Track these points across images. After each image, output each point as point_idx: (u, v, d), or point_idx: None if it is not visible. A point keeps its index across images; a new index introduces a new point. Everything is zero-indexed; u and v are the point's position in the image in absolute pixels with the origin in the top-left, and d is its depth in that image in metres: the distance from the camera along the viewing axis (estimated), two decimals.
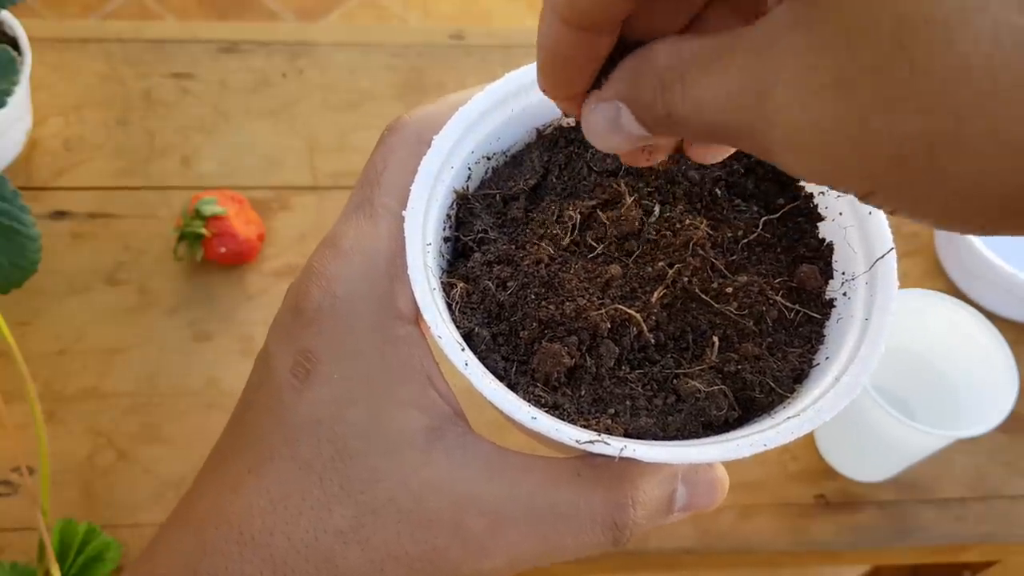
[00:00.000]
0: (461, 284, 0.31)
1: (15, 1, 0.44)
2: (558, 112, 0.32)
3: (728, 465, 0.64)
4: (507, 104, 0.32)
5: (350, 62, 0.72)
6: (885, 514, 0.57)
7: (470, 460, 0.27)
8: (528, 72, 0.32)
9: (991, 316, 0.61)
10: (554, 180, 0.33)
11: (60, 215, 0.63)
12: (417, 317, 0.29)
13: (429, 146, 0.30)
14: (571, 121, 0.34)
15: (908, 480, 0.58)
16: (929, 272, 0.66)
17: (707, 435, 0.29)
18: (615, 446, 0.26)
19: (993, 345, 0.53)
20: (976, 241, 0.60)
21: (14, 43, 0.62)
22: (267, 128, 0.69)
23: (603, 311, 0.29)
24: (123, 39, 0.72)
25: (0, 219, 0.41)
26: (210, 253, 0.60)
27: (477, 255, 0.32)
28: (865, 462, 0.57)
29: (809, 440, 0.59)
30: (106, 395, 0.58)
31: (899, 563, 0.82)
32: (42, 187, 0.64)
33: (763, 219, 0.32)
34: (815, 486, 0.58)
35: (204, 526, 0.27)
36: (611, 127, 0.24)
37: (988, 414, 0.51)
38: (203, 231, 0.59)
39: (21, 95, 0.63)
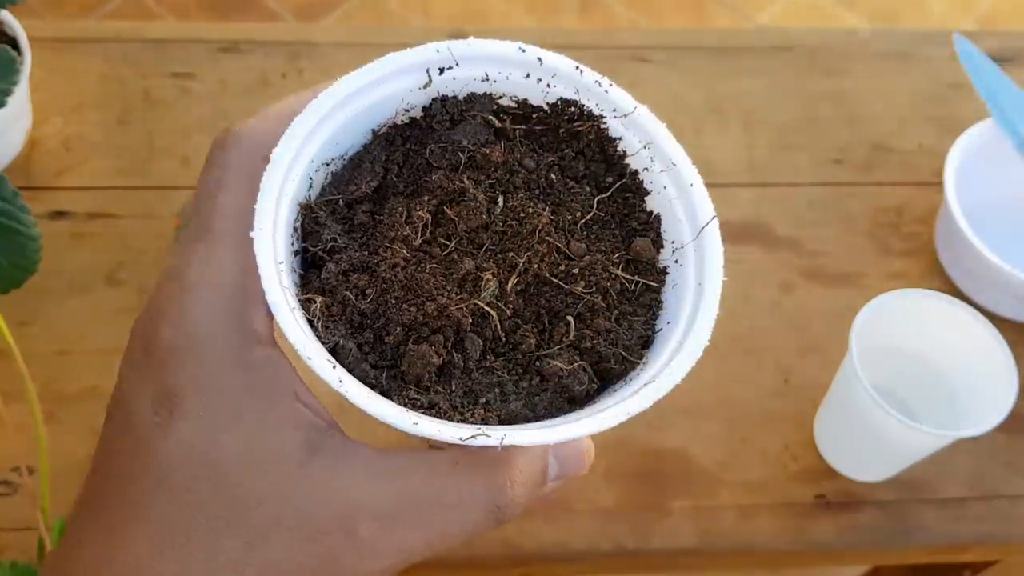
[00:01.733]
0: (320, 299, 0.31)
1: (15, 1, 0.44)
2: (393, 112, 0.34)
3: (728, 465, 0.64)
4: (342, 108, 0.33)
5: (350, 62, 0.71)
6: (885, 514, 0.57)
7: (350, 467, 0.28)
8: (362, 75, 0.33)
9: (991, 316, 0.61)
10: (395, 179, 0.34)
11: (60, 215, 0.63)
12: (274, 336, 0.29)
13: (264, 160, 0.30)
14: (405, 119, 0.34)
15: (908, 480, 0.58)
16: (929, 272, 0.66)
17: (572, 409, 0.31)
18: (496, 437, 0.27)
19: (993, 345, 0.53)
20: (976, 241, 0.60)
21: (14, 43, 0.62)
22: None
23: (463, 307, 0.30)
24: (123, 39, 0.72)
25: (0, 219, 0.41)
26: None
27: (331, 265, 0.32)
28: (865, 462, 0.57)
29: (809, 440, 0.59)
30: (106, 395, 0.57)
31: (899, 563, 0.82)
32: (42, 187, 0.64)
33: (596, 198, 0.34)
34: (815, 486, 0.58)
35: None
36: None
37: (988, 414, 0.51)
38: None
39: (21, 95, 0.63)
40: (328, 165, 0.33)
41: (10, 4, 0.44)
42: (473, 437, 0.27)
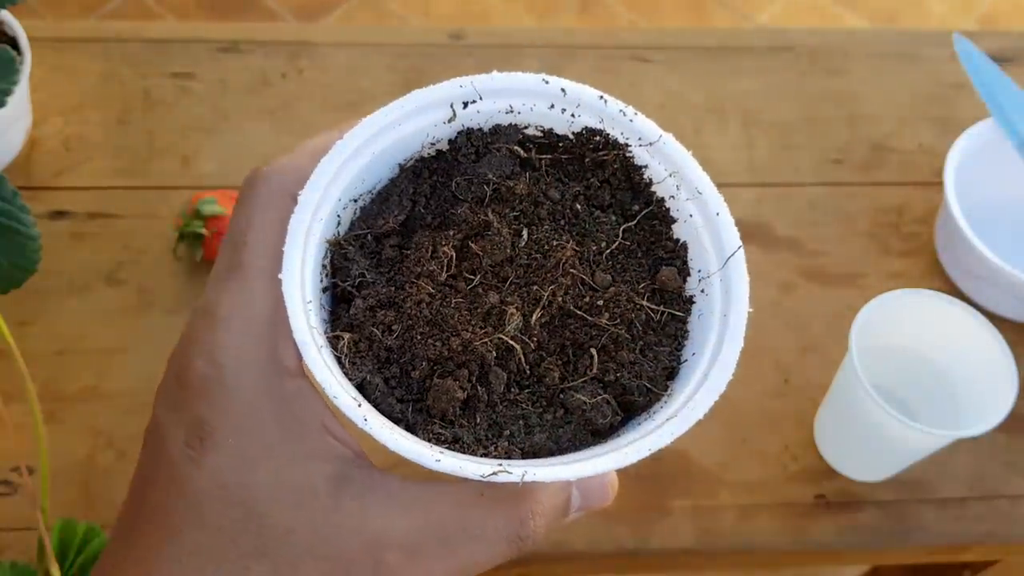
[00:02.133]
0: (347, 336, 0.31)
1: (15, 1, 0.44)
2: (419, 147, 0.34)
3: (728, 465, 0.64)
4: (368, 147, 0.33)
5: (350, 62, 0.72)
6: (885, 514, 0.57)
7: (379, 498, 0.28)
8: (385, 113, 0.33)
9: (991, 316, 0.61)
10: (422, 211, 0.34)
11: (60, 215, 0.63)
12: (303, 371, 0.29)
13: (293, 199, 0.31)
14: (431, 152, 0.35)
15: (908, 480, 0.58)
16: (929, 272, 0.66)
17: (596, 442, 0.32)
18: (516, 473, 0.28)
19: (993, 345, 0.53)
20: (976, 241, 0.60)
21: (13, 43, 0.62)
22: (267, 128, 0.69)
23: (487, 341, 0.31)
24: (123, 39, 0.72)
25: (0, 219, 0.41)
26: (210, 253, 0.60)
27: (358, 301, 0.32)
28: (865, 462, 0.57)
29: (809, 440, 0.59)
30: (106, 395, 0.58)
31: (899, 563, 0.82)
32: (42, 187, 0.64)
33: (622, 227, 0.34)
34: (815, 486, 0.58)
35: None
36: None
37: (988, 414, 0.51)
38: (203, 231, 0.59)
39: (21, 95, 0.63)
40: (356, 201, 0.34)
41: (10, 4, 0.44)
42: (495, 474, 0.28)
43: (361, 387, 0.31)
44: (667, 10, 1.73)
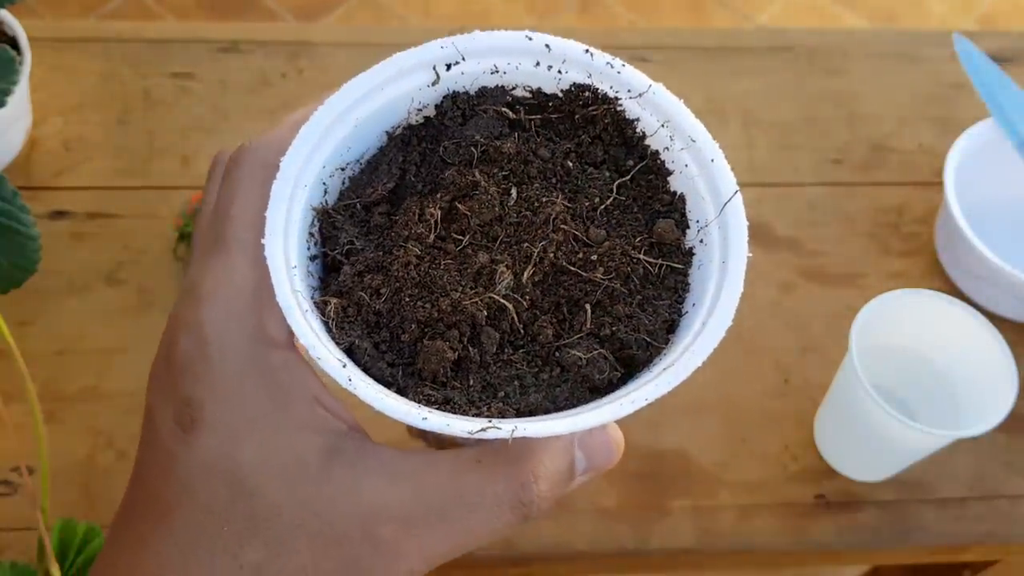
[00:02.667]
0: (335, 300, 0.31)
1: (15, 1, 0.44)
2: (405, 113, 0.34)
3: (728, 465, 0.64)
4: (351, 112, 0.33)
5: (350, 62, 0.72)
6: (885, 514, 0.57)
7: (372, 469, 0.28)
8: (368, 78, 0.33)
9: (991, 316, 0.61)
10: (413, 179, 0.34)
11: (60, 215, 0.63)
12: (293, 340, 0.29)
13: (274, 168, 0.30)
14: (419, 119, 0.34)
15: (908, 480, 0.58)
16: (929, 272, 0.66)
17: (595, 399, 0.31)
18: (506, 429, 0.27)
19: (993, 345, 0.53)
20: (976, 241, 0.60)
21: (13, 43, 0.62)
22: (267, 128, 0.69)
23: (478, 300, 0.30)
24: (123, 39, 0.72)
25: (0, 219, 0.41)
26: None
27: (346, 267, 0.32)
28: (865, 462, 0.57)
29: (809, 440, 0.59)
30: (106, 395, 0.58)
31: (899, 563, 0.82)
32: (42, 187, 0.64)
33: (616, 182, 0.33)
34: (815, 486, 0.58)
35: None
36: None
37: (988, 414, 0.51)
38: None
39: (20, 95, 0.63)
40: (343, 170, 0.33)
41: (10, 4, 0.44)
42: (483, 430, 0.27)
43: (350, 351, 0.30)
44: (667, 10, 1.73)
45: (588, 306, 0.31)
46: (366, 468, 0.28)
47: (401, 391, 0.30)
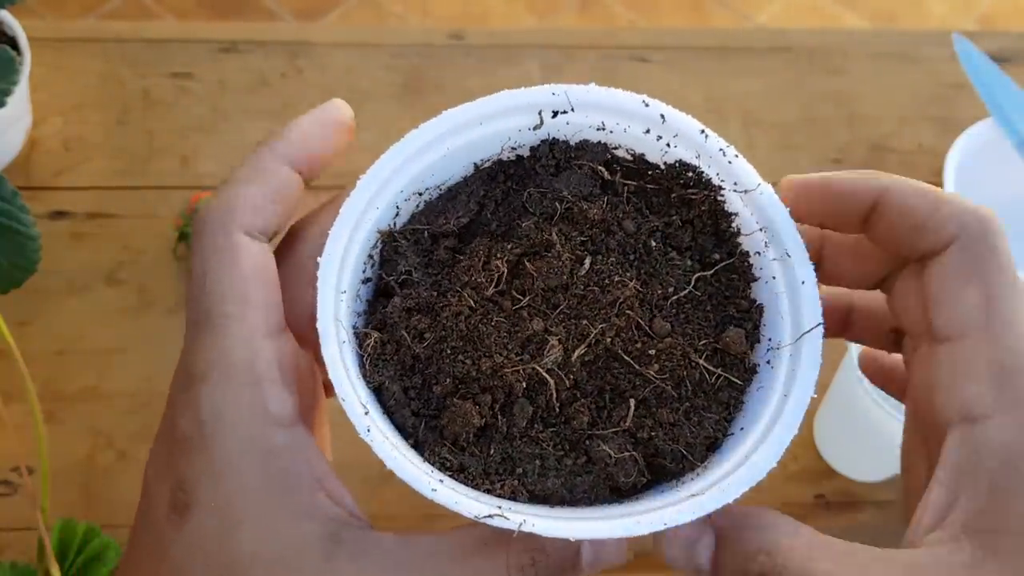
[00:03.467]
0: (376, 334, 0.30)
1: (14, 1, 0.44)
2: (498, 149, 0.32)
3: None
4: (443, 142, 0.31)
5: (349, 62, 0.72)
6: (885, 514, 0.57)
7: (374, 560, 0.27)
8: (466, 110, 0.31)
9: None
10: (489, 216, 0.32)
11: (59, 215, 0.63)
12: (297, 417, 0.28)
13: (238, 232, 0.29)
14: (511, 156, 0.33)
15: None
16: None
17: (613, 499, 0.29)
18: (515, 520, 0.26)
19: None
20: None
21: (13, 43, 0.62)
22: (266, 128, 0.69)
23: (520, 369, 0.29)
24: (122, 39, 0.72)
25: (0, 219, 0.41)
26: None
27: (397, 300, 0.30)
28: (865, 461, 0.57)
29: (809, 440, 0.59)
30: (106, 395, 0.58)
31: None
32: (41, 187, 0.64)
33: (696, 275, 0.31)
34: (815, 486, 0.58)
35: None
36: (687, 555, 0.28)
37: None
38: None
39: (20, 95, 0.63)
40: (421, 195, 0.32)
41: (10, 4, 0.44)
42: (491, 516, 0.26)
43: (378, 391, 0.29)
44: (667, 10, 1.73)
45: (632, 401, 0.29)
46: (369, 558, 0.27)
47: (419, 444, 0.29)
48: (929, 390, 0.29)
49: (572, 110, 0.32)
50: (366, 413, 0.27)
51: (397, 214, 0.32)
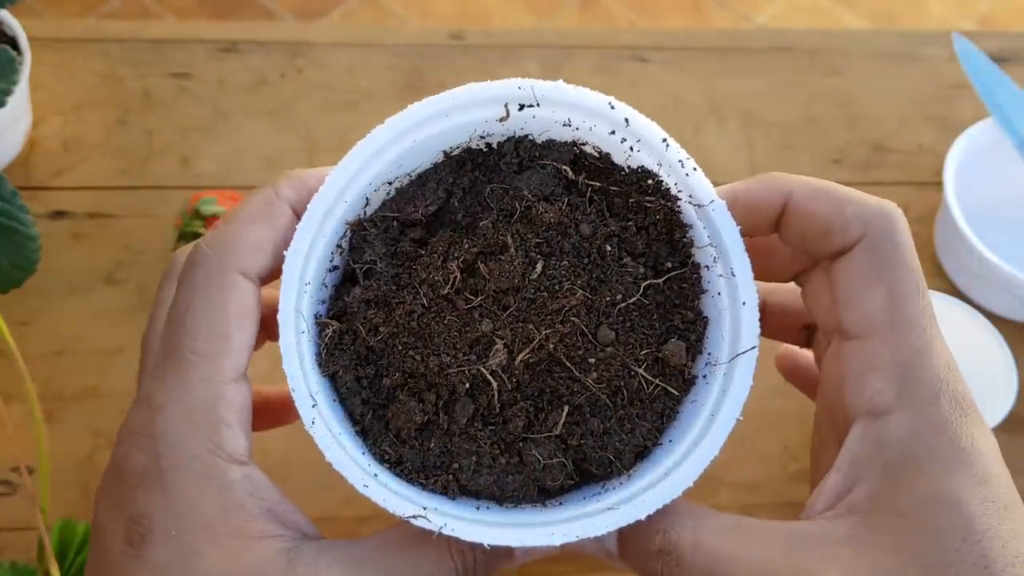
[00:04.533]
0: (335, 324, 0.31)
1: (14, 1, 0.44)
2: (467, 137, 0.33)
3: (728, 465, 0.64)
4: (410, 133, 0.32)
5: (349, 62, 0.72)
6: None
7: (331, 559, 0.28)
8: (432, 103, 0.32)
9: (991, 316, 0.61)
10: (456, 204, 0.33)
11: (59, 215, 0.63)
12: (250, 456, 0.29)
13: (232, 272, 0.30)
14: (480, 144, 0.33)
15: None
16: (929, 272, 0.66)
17: (540, 499, 0.31)
18: (436, 522, 0.28)
19: (993, 345, 0.53)
20: (976, 241, 0.60)
21: (13, 43, 0.62)
22: (266, 128, 0.69)
23: (464, 370, 0.30)
24: (122, 39, 0.72)
25: (0, 219, 0.41)
26: None
27: (358, 290, 0.31)
28: None
29: (809, 440, 0.59)
30: (105, 395, 0.57)
31: None
32: (41, 187, 0.64)
33: (647, 283, 0.31)
34: None
35: None
36: (596, 543, 0.30)
37: (988, 414, 0.51)
38: (202, 231, 0.59)
39: (20, 95, 0.63)
40: (392, 183, 0.33)
41: (10, 4, 0.44)
42: (415, 517, 0.28)
43: (333, 378, 0.31)
44: (667, 10, 1.73)
45: (566, 408, 0.30)
46: (325, 561, 0.28)
47: (364, 431, 0.31)
48: (839, 384, 0.30)
49: (538, 105, 0.32)
50: (313, 406, 0.29)
51: (367, 204, 0.32)
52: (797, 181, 0.31)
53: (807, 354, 0.38)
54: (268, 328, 0.35)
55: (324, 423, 0.29)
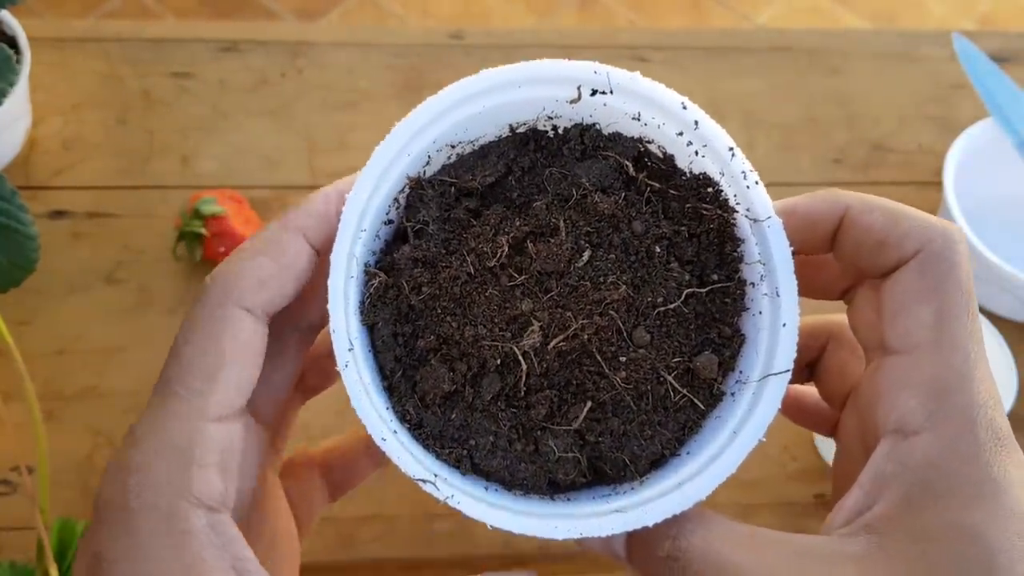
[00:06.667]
0: (382, 276, 0.31)
1: (16, 2, 0.44)
2: (535, 114, 0.32)
3: None
4: (479, 99, 0.32)
5: (349, 62, 0.72)
6: None
7: None
8: (505, 72, 0.32)
9: (991, 316, 0.61)
10: (513, 182, 0.33)
11: (59, 214, 0.63)
12: (226, 503, 0.28)
13: (234, 305, 0.29)
14: (547, 126, 0.33)
15: None
16: None
17: (549, 492, 0.30)
18: (444, 492, 0.28)
19: (993, 345, 0.53)
20: (976, 241, 0.60)
21: (13, 42, 0.62)
22: (266, 127, 0.69)
23: (498, 345, 0.29)
24: (122, 38, 0.72)
25: None
26: (209, 253, 0.60)
27: (407, 248, 0.31)
28: None
29: (808, 439, 0.59)
30: (105, 395, 0.57)
31: None
32: (41, 186, 0.64)
33: (689, 290, 0.31)
34: (814, 485, 0.58)
35: None
36: (604, 544, 0.30)
37: None
38: (202, 231, 0.59)
39: (20, 94, 0.63)
40: (454, 147, 0.32)
41: (10, 4, 0.44)
42: (424, 481, 0.28)
43: (372, 328, 0.31)
44: (667, 10, 1.73)
45: (588, 403, 0.30)
46: None
47: (391, 388, 0.30)
48: (873, 400, 0.30)
49: (611, 92, 0.31)
50: (350, 349, 0.29)
51: (428, 163, 0.32)
52: (855, 196, 0.30)
53: (811, 391, 0.38)
54: (308, 372, 0.35)
55: (356, 369, 0.29)
